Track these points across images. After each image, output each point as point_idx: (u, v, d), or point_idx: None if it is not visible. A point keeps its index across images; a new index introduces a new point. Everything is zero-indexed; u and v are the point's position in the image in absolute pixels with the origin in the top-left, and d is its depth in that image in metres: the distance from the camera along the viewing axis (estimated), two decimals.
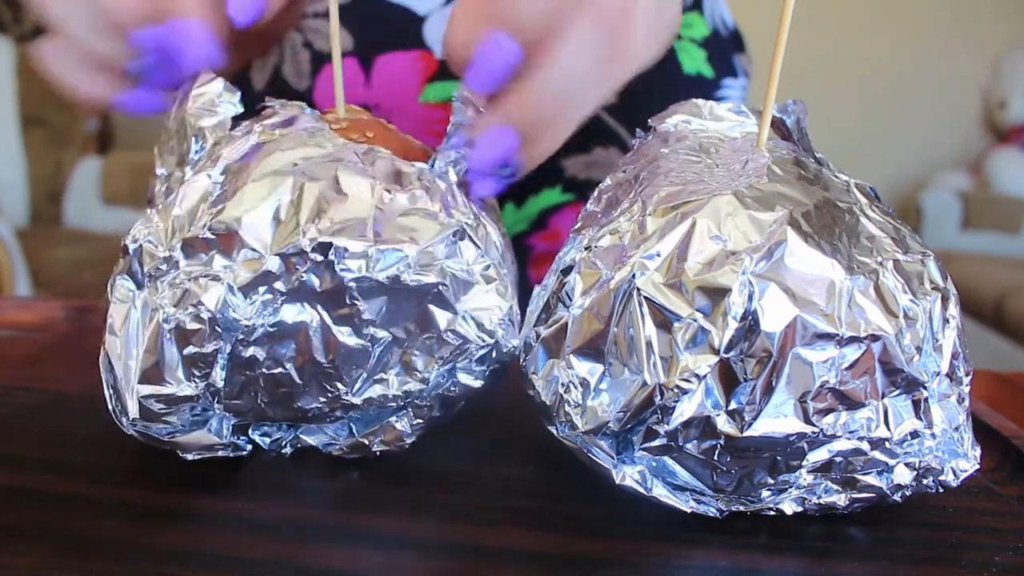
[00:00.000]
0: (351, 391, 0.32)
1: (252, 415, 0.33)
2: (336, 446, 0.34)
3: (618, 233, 0.31)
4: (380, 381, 0.32)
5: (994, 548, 0.30)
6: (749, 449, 0.28)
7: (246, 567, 0.27)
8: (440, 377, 0.33)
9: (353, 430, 0.34)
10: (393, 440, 0.34)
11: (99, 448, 0.34)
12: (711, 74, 0.63)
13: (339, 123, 0.35)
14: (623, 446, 0.30)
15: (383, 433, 0.34)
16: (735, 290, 0.27)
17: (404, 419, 0.34)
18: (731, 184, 0.30)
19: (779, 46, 0.32)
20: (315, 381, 0.31)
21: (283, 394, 0.32)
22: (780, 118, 0.37)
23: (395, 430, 0.34)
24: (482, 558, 0.28)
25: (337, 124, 0.35)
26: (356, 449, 0.34)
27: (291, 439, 0.35)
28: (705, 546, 0.29)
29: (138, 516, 0.30)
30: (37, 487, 0.32)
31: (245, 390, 0.32)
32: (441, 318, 0.31)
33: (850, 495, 0.30)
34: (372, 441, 0.34)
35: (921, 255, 0.29)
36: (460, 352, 0.32)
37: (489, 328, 0.32)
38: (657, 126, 0.39)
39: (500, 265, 0.34)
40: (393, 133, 0.37)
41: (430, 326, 0.31)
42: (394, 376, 0.32)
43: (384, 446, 0.34)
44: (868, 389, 0.28)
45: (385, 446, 0.34)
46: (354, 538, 0.29)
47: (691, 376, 0.27)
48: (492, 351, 0.33)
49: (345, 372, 0.31)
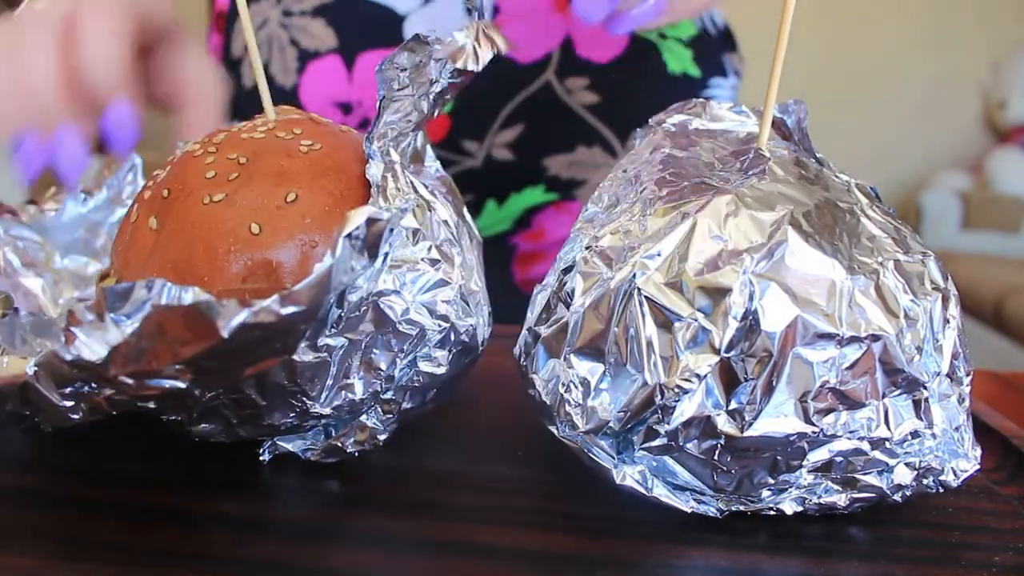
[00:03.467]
0: (318, 403, 0.31)
1: (224, 435, 0.33)
2: (314, 451, 0.34)
3: (619, 232, 0.31)
4: (345, 387, 0.31)
5: (994, 548, 0.30)
6: (749, 449, 0.28)
7: (246, 567, 0.27)
8: (404, 370, 0.32)
9: (331, 433, 0.34)
10: (367, 439, 0.34)
11: (99, 448, 0.34)
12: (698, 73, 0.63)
13: (267, 124, 0.35)
14: (623, 446, 0.30)
15: (355, 433, 0.33)
16: (736, 290, 0.27)
17: (373, 416, 0.33)
18: (732, 184, 0.30)
19: (780, 46, 0.32)
20: (280, 399, 0.31)
21: (250, 414, 0.31)
22: (781, 118, 0.37)
23: (367, 428, 0.33)
24: (481, 558, 0.28)
25: (265, 125, 0.35)
26: (332, 453, 0.34)
27: (268, 446, 0.34)
28: (705, 546, 0.29)
29: (138, 516, 0.30)
30: (37, 487, 0.32)
31: (213, 414, 0.31)
32: (393, 311, 0.31)
33: (850, 495, 0.30)
34: (345, 443, 0.33)
35: (922, 255, 0.29)
36: (418, 341, 0.32)
37: (442, 312, 0.32)
38: (658, 126, 0.39)
39: (451, 244, 0.33)
40: (325, 127, 0.36)
41: (384, 322, 0.31)
42: (358, 380, 0.31)
43: (358, 446, 0.33)
44: (868, 389, 0.28)
45: (359, 446, 0.34)
46: (353, 538, 0.29)
47: (691, 376, 0.27)
48: (449, 334, 0.32)
49: (309, 387, 0.30)
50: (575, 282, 0.30)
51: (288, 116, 0.37)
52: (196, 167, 0.33)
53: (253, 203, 0.31)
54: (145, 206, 0.33)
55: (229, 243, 0.30)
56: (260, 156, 0.33)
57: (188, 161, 0.33)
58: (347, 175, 0.33)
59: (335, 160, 0.33)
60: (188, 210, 0.31)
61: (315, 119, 0.37)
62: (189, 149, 0.34)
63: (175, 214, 0.31)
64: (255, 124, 0.35)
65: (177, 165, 0.34)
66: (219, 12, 0.67)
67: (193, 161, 0.33)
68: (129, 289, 0.24)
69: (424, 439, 0.35)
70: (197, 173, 0.32)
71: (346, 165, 0.33)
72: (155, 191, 0.33)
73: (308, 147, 0.33)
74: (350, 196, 0.32)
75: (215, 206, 0.31)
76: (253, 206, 0.31)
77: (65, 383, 0.27)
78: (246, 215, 0.30)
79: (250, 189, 0.31)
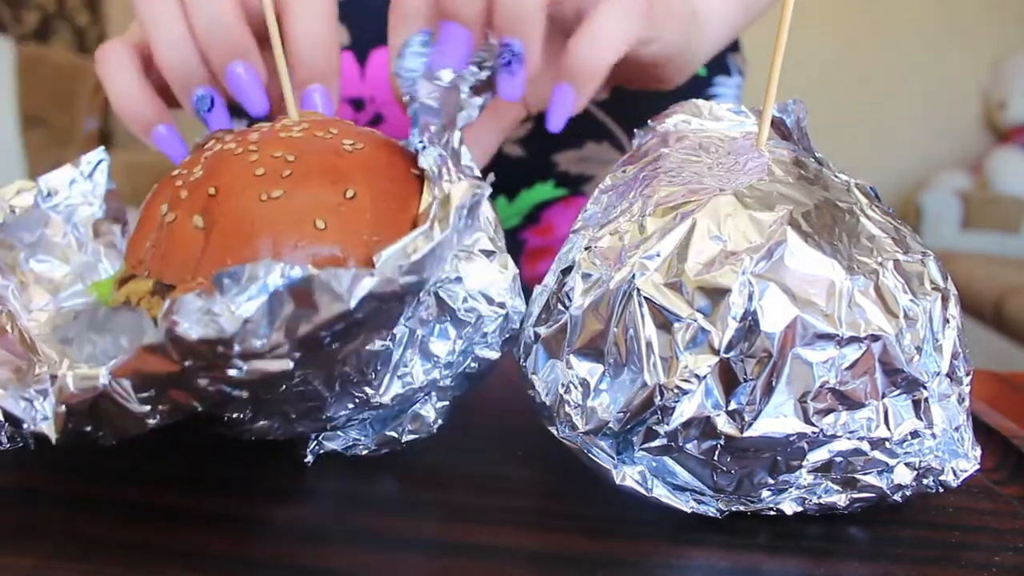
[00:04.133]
0: (379, 392, 0.32)
1: (280, 432, 0.33)
2: (361, 446, 0.34)
3: (618, 233, 0.31)
4: (405, 375, 0.32)
5: (994, 548, 0.30)
6: (749, 449, 0.28)
7: (246, 567, 0.27)
8: (459, 356, 0.33)
9: (373, 428, 0.35)
10: (420, 427, 0.34)
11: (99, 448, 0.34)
12: (703, 72, 0.63)
13: (297, 124, 0.35)
14: (623, 446, 0.30)
15: (409, 423, 0.34)
16: (735, 290, 0.27)
17: (427, 404, 0.34)
18: (731, 184, 0.30)
19: (779, 46, 0.32)
20: (344, 390, 0.31)
21: (311, 408, 0.32)
22: (780, 118, 0.37)
23: (419, 416, 0.34)
24: (482, 558, 0.28)
25: (298, 126, 0.35)
26: (385, 444, 0.34)
27: (313, 447, 0.34)
28: (705, 546, 0.29)
29: (138, 516, 0.30)
30: (37, 487, 0.32)
31: (275, 409, 0.31)
32: (454, 299, 0.32)
33: (850, 495, 0.30)
34: (400, 432, 0.34)
35: (921, 255, 0.29)
36: (474, 329, 0.33)
37: (499, 300, 0.33)
38: (657, 126, 0.39)
39: (496, 237, 0.34)
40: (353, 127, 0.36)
41: (445, 310, 0.32)
42: (419, 368, 0.32)
43: (412, 435, 0.34)
44: (868, 389, 0.28)
45: (414, 435, 0.34)
46: (354, 538, 0.29)
47: (691, 376, 0.27)
48: (504, 320, 0.33)
49: (373, 376, 0.31)
50: (575, 282, 0.31)
51: (311, 118, 0.37)
52: (241, 164, 0.32)
53: (313, 200, 0.31)
54: (184, 205, 0.32)
55: (296, 239, 0.30)
56: (307, 154, 0.33)
57: (228, 159, 0.33)
58: (397, 172, 0.34)
59: (381, 158, 0.34)
60: (245, 208, 0.31)
61: (339, 121, 0.37)
62: (225, 148, 0.34)
63: (230, 212, 0.31)
64: (284, 125, 0.35)
65: (216, 162, 0.33)
66: None
67: (235, 159, 0.33)
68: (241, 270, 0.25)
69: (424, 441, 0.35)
70: (244, 171, 0.32)
71: (392, 162, 0.34)
72: (194, 190, 0.32)
73: (352, 146, 0.34)
74: (404, 192, 0.33)
75: (275, 203, 0.31)
76: (313, 202, 0.31)
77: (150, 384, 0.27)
78: (309, 211, 0.31)
79: (307, 186, 0.31)
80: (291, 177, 0.32)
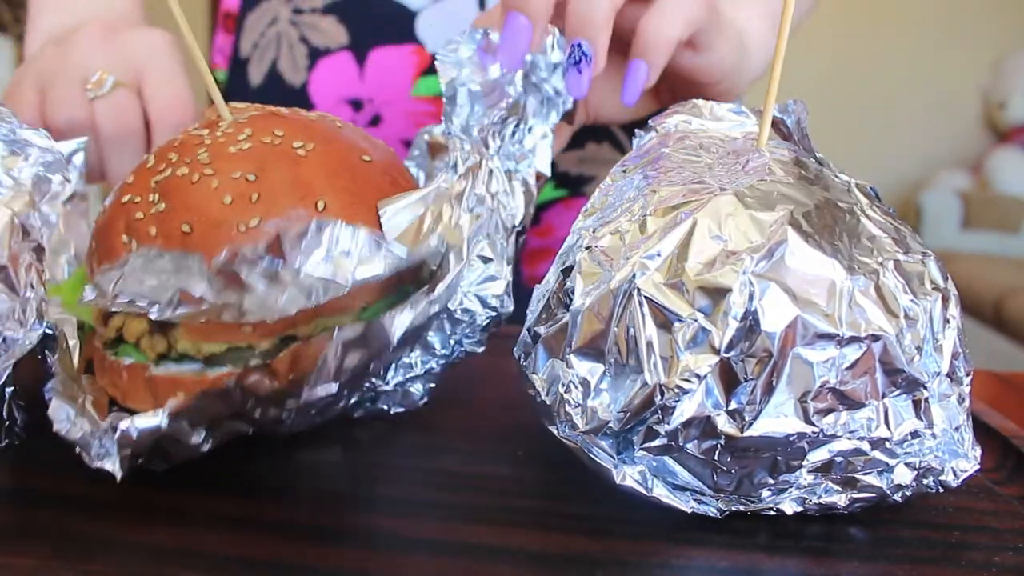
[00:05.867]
0: (384, 381, 0.37)
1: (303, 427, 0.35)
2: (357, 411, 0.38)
3: (619, 233, 0.31)
4: (406, 366, 0.37)
5: (994, 548, 0.30)
6: (749, 449, 0.28)
7: (246, 567, 0.27)
8: (453, 348, 0.37)
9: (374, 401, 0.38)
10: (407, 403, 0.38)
11: None
12: None
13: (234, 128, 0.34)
14: (623, 446, 0.30)
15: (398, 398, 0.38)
16: (736, 290, 0.27)
17: (417, 383, 0.38)
18: (732, 184, 0.30)
19: (780, 46, 0.32)
20: (357, 384, 0.34)
21: (329, 403, 0.34)
22: (780, 118, 0.37)
23: (409, 394, 0.38)
24: (482, 558, 0.28)
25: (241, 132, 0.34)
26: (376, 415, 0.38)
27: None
28: (705, 546, 0.29)
29: (138, 515, 0.30)
30: (37, 487, 0.32)
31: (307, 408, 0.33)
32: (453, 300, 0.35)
33: (850, 495, 0.30)
34: (391, 406, 0.38)
35: (922, 255, 0.29)
36: (468, 326, 0.36)
37: (492, 304, 0.36)
38: (657, 126, 0.39)
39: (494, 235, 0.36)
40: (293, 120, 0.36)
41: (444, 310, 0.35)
42: (418, 359, 0.37)
43: (399, 407, 0.38)
44: (868, 389, 0.28)
45: (399, 407, 0.38)
46: (354, 538, 0.29)
47: (691, 376, 0.27)
48: (493, 320, 0.37)
49: (384, 370, 0.36)
50: (575, 282, 0.30)
51: (246, 114, 0.36)
52: (204, 194, 0.32)
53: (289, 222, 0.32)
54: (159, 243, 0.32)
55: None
56: (267, 171, 0.33)
57: (189, 188, 0.32)
58: (352, 166, 0.35)
59: (334, 155, 0.34)
60: (229, 243, 0.31)
61: (276, 112, 0.37)
62: (177, 172, 0.33)
63: (215, 250, 0.31)
64: (226, 132, 0.34)
65: (174, 191, 0.32)
66: (226, 12, 0.67)
67: (197, 188, 0.32)
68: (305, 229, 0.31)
69: (425, 439, 0.35)
70: (211, 200, 0.32)
71: (344, 157, 0.35)
72: (162, 224, 0.32)
73: (304, 149, 0.34)
74: (366, 189, 0.34)
75: (255, 231, 0.31)
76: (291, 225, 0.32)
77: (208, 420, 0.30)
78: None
79: (280, 209, 0.32)
80: (260, 202, 0.32)
